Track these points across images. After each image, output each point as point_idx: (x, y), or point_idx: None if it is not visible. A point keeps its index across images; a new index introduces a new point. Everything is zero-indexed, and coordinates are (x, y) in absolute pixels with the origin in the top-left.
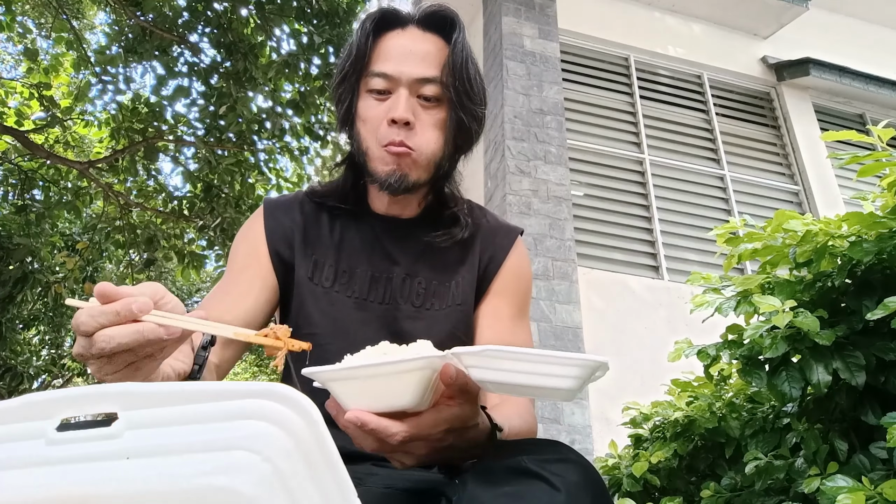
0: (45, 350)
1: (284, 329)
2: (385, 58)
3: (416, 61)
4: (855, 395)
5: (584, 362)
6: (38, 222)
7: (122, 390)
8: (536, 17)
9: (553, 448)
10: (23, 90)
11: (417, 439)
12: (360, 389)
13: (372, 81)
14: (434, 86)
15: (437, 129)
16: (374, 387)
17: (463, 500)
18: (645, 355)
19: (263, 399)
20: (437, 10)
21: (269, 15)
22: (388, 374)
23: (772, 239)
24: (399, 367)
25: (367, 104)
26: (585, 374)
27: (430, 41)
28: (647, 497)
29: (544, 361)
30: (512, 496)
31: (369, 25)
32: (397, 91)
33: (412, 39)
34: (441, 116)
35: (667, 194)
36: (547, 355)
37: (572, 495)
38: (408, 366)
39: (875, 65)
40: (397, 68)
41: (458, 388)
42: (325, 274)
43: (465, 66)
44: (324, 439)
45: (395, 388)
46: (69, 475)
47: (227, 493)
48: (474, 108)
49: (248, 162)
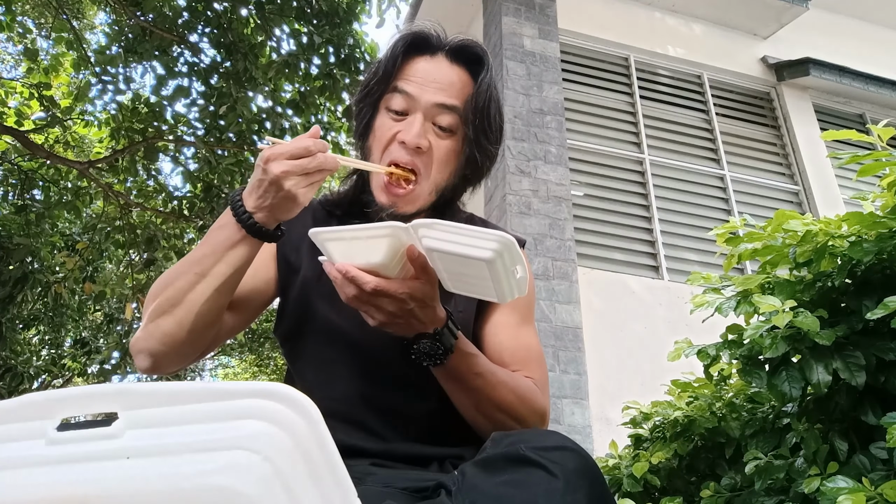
0: (45, 350)
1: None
2: (408, 79)
3: (438, 88)
4: (855, 395)
5: (497, 236)
6: (38, 222)
7: (122, 390)
8: (536, 17)
9: (550, 437)
10: (23, 90)
11: (386, 295)
12: (345, 248)
13: (392, 99)
14: (451, 116)
15: (447, 159)
16: (354, 247)
17: (462, 490)
18: (645, 355)
19: (263, 399)
20: (468, 44)
21: (269, 15)
22: (366, 238)
23: (772, 239)
24: (371, 233)
25: (383, 121)
26: (498, 247)
27: (455, 72)
28: (647, 497)
29: (467, 234)
30: (510, 484)
31: (400, 47)
32: (415, 114)
33: (438, 66)
34: (454, 147)
35: (667, 194)
36: (470, 229)
37: (570, 482)
38: (378, 231)
39: (875, 65)
40: (418, 90)
41: (420, 266)
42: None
43: (488, 106)
44: (324, 439)
45: (370, 248)
46: (69, 475)
47: (228, 493)
48: (489, 146)
49: (248, 162)
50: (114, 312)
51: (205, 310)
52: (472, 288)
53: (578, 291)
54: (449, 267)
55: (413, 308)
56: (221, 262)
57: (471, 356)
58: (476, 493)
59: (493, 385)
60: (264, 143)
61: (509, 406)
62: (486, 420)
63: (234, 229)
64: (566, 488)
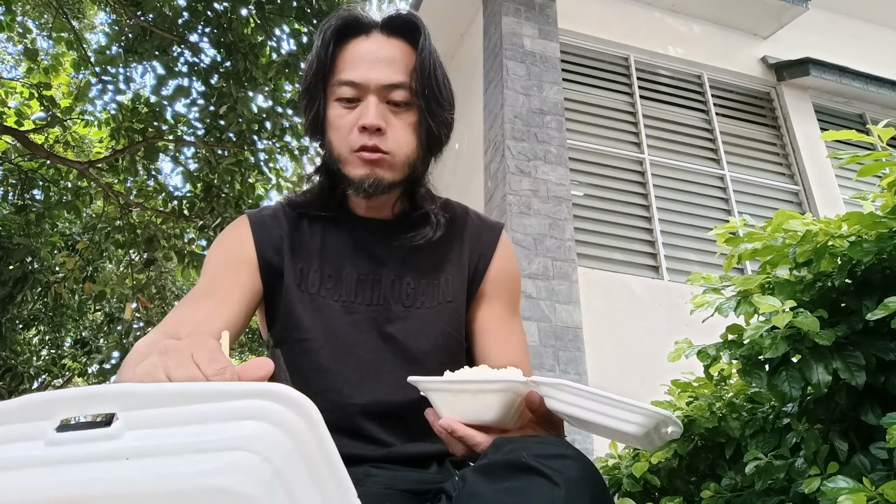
0: (45, 350)
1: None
2: (351, 66)
3: (383, 67)
4: (855, 395)
5: (648, 412)
6: (38, 222)
7: (121, 391)
8: (536, 17)
9: (552, 444)
10: (23, 90)
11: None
12: (452, 402)
13: (339, 90)
14: (403, 91)
15: (409, 131)
16: (463, 401)
17: (463, 496)
18: (645, 355)
19: (264, 400)
20: (401, 14)
21: (269, 15)
22: (474, 392)
23: (772, 239)
24: (482, 387)
25: (337, 112)
26: (649, 423)
27: (395, 46)
28: (647, 497)
29: (610, 405)
30: (511, 491)
31: (329, 35)
32: (366, 98)
33: (378, 45)
34: (412, 120)
35: (667, 194)
36: (613, 399)
37: (571, 491)
38: (490, 386)
39: (875, 65)
40: (365, 75)
41: (542, 416)
42: (310, 280)
43: (434, 72)
44: (324, 440)
45: (481, 404)
46: (69, 476)
47: (228, 494)
48: (443, 114)
49: (248, 162)
50: (114, 312)
51: None
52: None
53: (578, 291)
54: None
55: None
56: None
57: None
58: (477, 499)
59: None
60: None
61: None
62: None
63: None
64: (567, 497)
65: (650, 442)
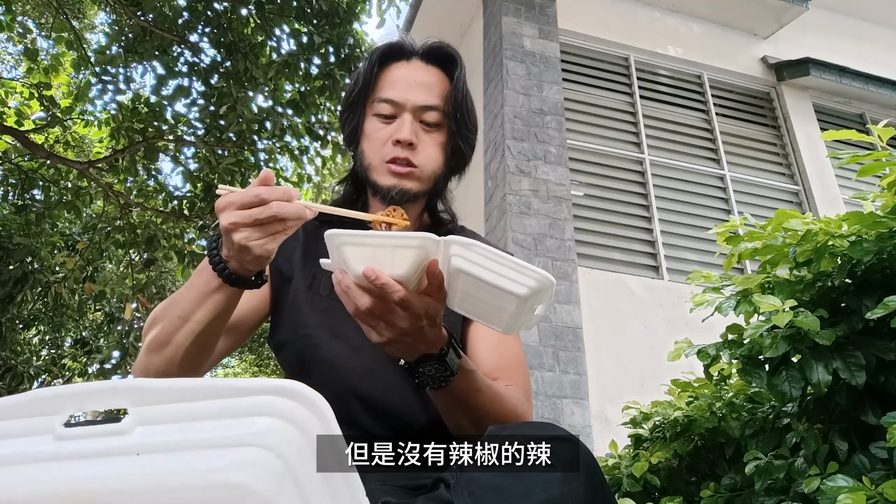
0: (45, 350)
1: (401, 211)
2: (392, 86)
3: (420, 90)
4: (855, 395)
5: (539, 276)
6: (38, 222)
7: (132, 386)
8: (536, 17)
9: (547, 428)
10: (23, 90)
11: (407, 308)
12: (370, 255)
13: (379, 107)
14: (436, 113)
15: (438, 149)
16: (380, 255)
17: (461, 482)
18: (645, 355)
19: (275, 395)
20: (440, 45)
21: (269, 15)
22: (393, 246)
23: (772, 238)
24: (400, 242)
25: (374, 126)
26: (536, 286)
27: (432, 73)
28: (647, 497)
29: (508, 265)
30: (508, 475)
31: (376, 58)
32: (402, 115)
33: (416, 70)
34: (441, 139)
35: (667, 194)
36: (512, 260)
37: (566, 472)
38: (409, 242)
39: (875, 65)
40: (403, 95)
41: (436, 285)
42: (322, 284)
43: (465, 100)
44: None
45: (396, 259)
46: (78, 471)
47: (239, 490)
48: (469, 136)
49: (248, 162)
50: (114, 312)
51: (192, 350)
52: (480, 312)
53: (578, 291)
54: (468, 289)
55: (424, 326)
56: (201, 308)
57: (471, 373)
58: (474, 484)
59: (490, 399)
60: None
61: (504, 420)
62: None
63: (212, 276)
64: (563, 477)
65: (518, 320)
